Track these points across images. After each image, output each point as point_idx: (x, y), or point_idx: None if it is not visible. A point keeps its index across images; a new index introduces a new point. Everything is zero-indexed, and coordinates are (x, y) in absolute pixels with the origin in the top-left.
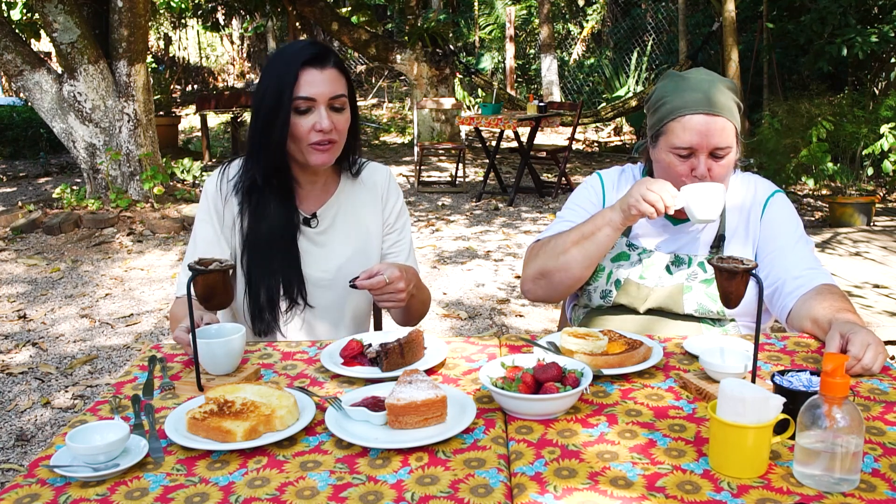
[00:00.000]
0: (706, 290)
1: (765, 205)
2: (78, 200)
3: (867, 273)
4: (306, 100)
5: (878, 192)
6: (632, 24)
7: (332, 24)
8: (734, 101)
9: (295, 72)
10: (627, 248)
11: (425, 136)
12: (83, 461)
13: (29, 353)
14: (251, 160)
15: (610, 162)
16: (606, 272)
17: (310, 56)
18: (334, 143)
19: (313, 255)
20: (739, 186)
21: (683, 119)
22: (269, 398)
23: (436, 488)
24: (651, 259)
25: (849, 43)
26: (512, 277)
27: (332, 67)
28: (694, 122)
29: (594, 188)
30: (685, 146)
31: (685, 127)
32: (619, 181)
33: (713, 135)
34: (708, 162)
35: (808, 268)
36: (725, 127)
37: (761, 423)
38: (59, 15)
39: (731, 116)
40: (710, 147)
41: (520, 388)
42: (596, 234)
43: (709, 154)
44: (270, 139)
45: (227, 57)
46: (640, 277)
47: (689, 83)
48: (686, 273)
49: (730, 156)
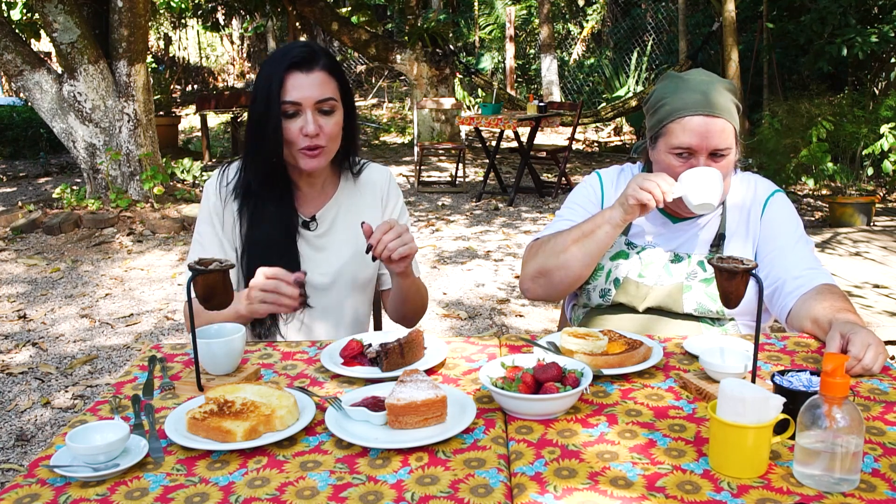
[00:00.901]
0: (706, 289)
1: (765, 204)
2: (78, 200)
3: (867, 273)
4: (292, 104)
5: (878, 192)
6: (632, 24)
7: (332, 24)
8: (733, 102)
9: (281, 76)
10: (626, 247)
11: (425, 136)
12: (83, 461)
13: (29, 353)
14: (247, 163)
15: (610, 162)
16: (605, 271)
17: (295, 59)
18: (323, 148)
19: (313, 259)
20: (739, 186)
21: (683, 120)
22: (269, 398)
23: (436, 488)
24: (650, 258)
25: (849, 43)
26: (512, 277)
27: (320, 70)
28: (693, 123)
29: (593, 187)
30: (684, 147)
31: (685, 128)
32: (617, 180)
33: (712, 136)
34: (707, 163)
35: (809, 267)
36: (725, 128)
37: (761, 423)
38: (59, 15)
39: (730, 117)
40: (710, 148)
41: (520, 388)
42: (596, 232)
43: (708, 155)
44: (263, 143)
45: (227, 57)
46: (640, 276)
47: (688, 84)
48: (685, 272)
49: (729, 156)
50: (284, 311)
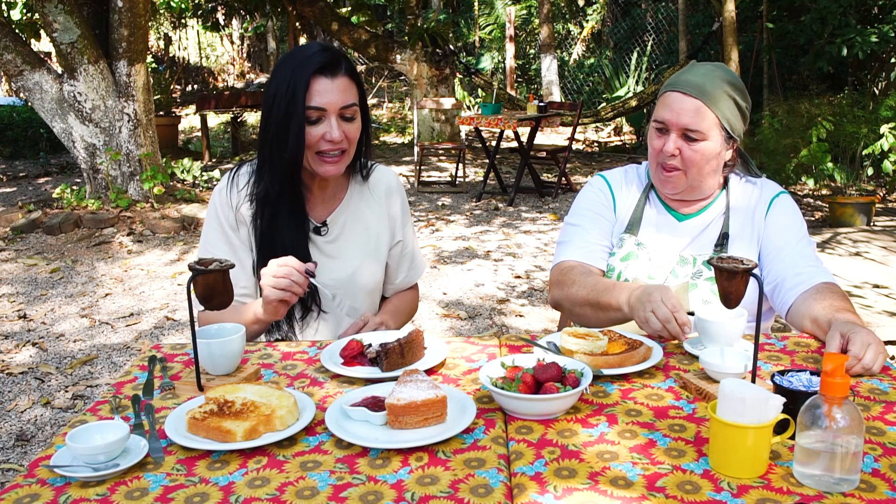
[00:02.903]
0: (711, 287)
1: (769, 204)
2: (78, 200)
3: (867, 273)
4: (317, 109)
5: (878, 192)
6: (632, 24)
7: (332, 24)
8: (728, 96)
9: (306, 81)
10: (636, 248)
11: (425, 136)
12: (83, 461)
13: (29, 353)
14: (264, 170)
15: (610, 162)
16: (616, 272)
17: (321, 64)
18: (345, 153)
19: (324, 264)
20: (745, 188)
21: (665, 95)
22: (269, 398)
23: (436, 488)
24: (659, 260)
25: (849, 43)
26: (511, 277)
27: (344, 75)
28: (671, 98)
29: (601, 190)
30: (659, 120)
31: (664, 102)
32: (625, 180)
33: (684, 114)
34: (678, 142)
35: (809, 265)
36: (701, 111)
37: (761, 423)
38: (59, 15)
39: (712, 104)
40: (680, 126)
41: (520, 388)
42: (609, 312)
43: (682, 136)
44: (284, 150)
45: (227, 57)
46: (649, 277)
47: (692, 68)
48: (692, 272)
49: (705, 144)
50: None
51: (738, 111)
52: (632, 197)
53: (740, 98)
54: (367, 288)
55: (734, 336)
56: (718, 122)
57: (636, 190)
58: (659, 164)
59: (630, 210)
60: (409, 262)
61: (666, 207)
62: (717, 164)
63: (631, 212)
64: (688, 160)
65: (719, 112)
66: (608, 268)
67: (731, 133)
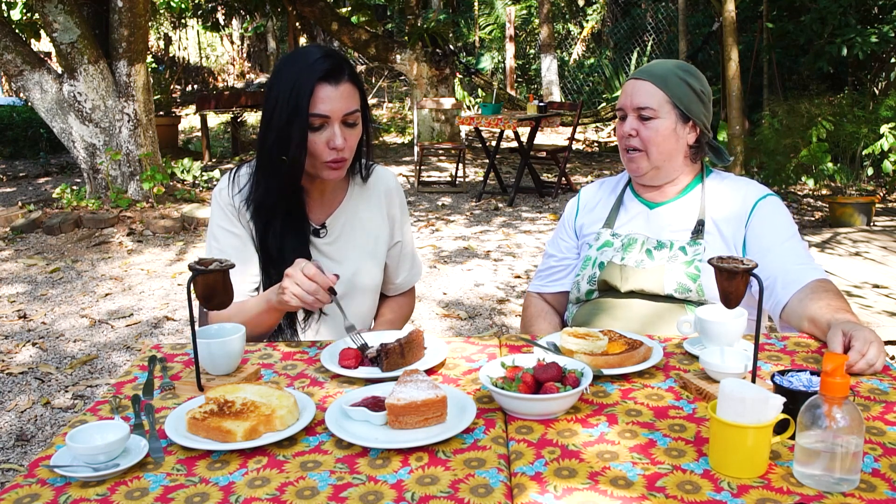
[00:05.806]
0: (686, 269)
1: (752, 208)
2: (78, 200)
3: (867, 273)
4: (320, 117)
5: (878, 192)
6: (632, 24)
7: (332, 24)
8: (679, 77)
9: (310, 88)
10: (612, 237)
11: (425, 136)
12: (83, 461)
13: (29, 353)
14: (263, 175)
15: (610, 162)
16: (593, 259)
17: (325, 71)
18: (346, 160)
19: (324, 266)
20: (728, 184)
21: (623, 86)
22: (270, 398)
23: (436, 488)
24: (634, 245)
25: (849, 43)
26: (511, 277)
27: (347, 81)
28: (626, 86)
29: (571, 206)
30: (619, 108)
31: (622, 92)
32: (599, 188)
33: (636, 94)
34: (635, 123)
35: (800, 263)
36: (650, 91)
37: (761, 423)
38: (59, 15)
39: (664, 86)
40: (634, 106)
41: (520, 388)
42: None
43: (637, 116)
44: (287, 157)
45: (227, 57)
46: (622, 259)
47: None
48: (667, 256)
49: (659, 122)
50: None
51: (693, 92)
52: (608, 199)
53: (693, 81)
54: (368, 289)
55: (734, 336)
56: (669, 100)
57: (612, 191)
58: (624, 148)
59: (607, 210)
60: (409, 261)
61: (638, 198)
62: (677, 143)
63: (608, 211)
64: (646, 139)
65: (668, 90)
66: (586, 258)
67: (687, 113)
